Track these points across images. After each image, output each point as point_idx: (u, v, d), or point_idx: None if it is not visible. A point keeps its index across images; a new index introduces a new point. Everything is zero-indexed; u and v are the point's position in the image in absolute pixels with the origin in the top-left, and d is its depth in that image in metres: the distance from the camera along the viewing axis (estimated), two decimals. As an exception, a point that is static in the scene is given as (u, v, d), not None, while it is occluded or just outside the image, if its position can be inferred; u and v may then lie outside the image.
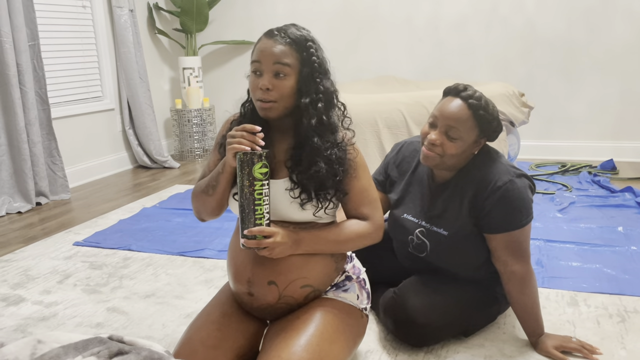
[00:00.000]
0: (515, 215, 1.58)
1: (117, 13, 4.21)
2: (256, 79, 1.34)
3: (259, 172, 1.28)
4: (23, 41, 3.35)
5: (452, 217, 1.66)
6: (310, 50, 1.34)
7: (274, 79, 1.32)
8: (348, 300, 1.47)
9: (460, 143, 1.59)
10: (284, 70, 1.31)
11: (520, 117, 3.48)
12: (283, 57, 1.31)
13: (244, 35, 5.01)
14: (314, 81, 1.35)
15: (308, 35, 1.37)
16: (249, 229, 1.28)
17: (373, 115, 3.28)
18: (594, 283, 2.14)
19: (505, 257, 1.61)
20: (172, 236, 2.83)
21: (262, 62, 1.32)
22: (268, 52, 1.32)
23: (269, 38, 1.34)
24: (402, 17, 4.56)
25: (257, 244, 1.29)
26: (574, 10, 4.16)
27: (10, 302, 2.14)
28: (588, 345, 1.65)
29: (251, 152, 1.27)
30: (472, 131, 1.59)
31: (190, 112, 4.72)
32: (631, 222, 2.82)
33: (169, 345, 1.78)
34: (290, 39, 1.33)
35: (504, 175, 1.59)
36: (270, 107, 1.33)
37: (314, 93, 1.35)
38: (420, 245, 1.73)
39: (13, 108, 3.32)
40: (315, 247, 1.38)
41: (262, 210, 1.29)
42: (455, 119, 1.57)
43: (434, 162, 1.62)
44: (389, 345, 1.73)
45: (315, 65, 1.35)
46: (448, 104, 1.60)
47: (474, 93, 1.59)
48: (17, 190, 3.43)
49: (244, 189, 1.28)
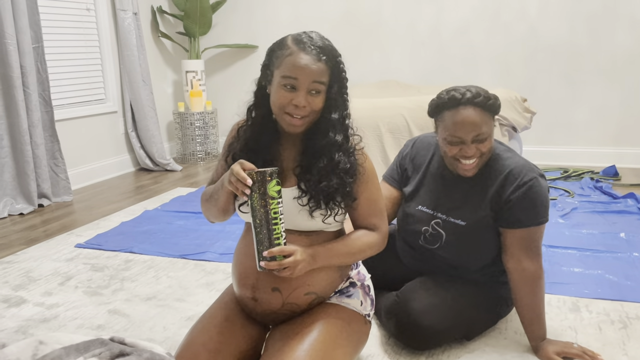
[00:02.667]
0: (536, 212, 1.61)
1: (121, 16, 4.22)
2: (288, 93, 1.30)
3: (273, 191, 1.25)
4: (27, 43, 3.36)
5: (472, 208, 1.68)
6: (340, 65, 1.35)
7: (308, 96, 1.31)
8: (351, 306, 1.47)
9: (489, 139, 1.62)
10: (319, 88, 1.31)
11: (523, 123, 3.48)
12: (321, 76, 1.31)
13: (247, 39, 5.03)
14: (341, 97, 1.36)
15: (335, 48, 1.36)
16: (269, 250, 1.25)
17: (375, 119, 3.28)
18: (596, 289, 2.14)
19: (519, 254, 1.62)
20: (173, 239, 2.83)
21: (300, 79, 1.29)
22: (307, 70, 1.29)
23: (304, 52, 1.30)
24: (405, 22, 4.57)
25: (279, 265, 1.26)
26: (576, 16, 4.17)
27: (12, 304, 2.14)
28: (590, 351, 1.65)
29: (263, 171, 1.23)
30: (491, 122, 1.63)
31: (192, 115, 4.73)
32: (633, 228, 2.81)
33: (169, 348, 1.78)
34: (325, 56, 1.31)
35: (530, 172, 1.62)
36: (301, 123, 1.33)
37: (342, 109, 1.36)
38: (434, 236, 1.74)
39: (16, 110, 3.33)
40: (330, 261, 1.39)
41: (279, 229, 1.26)
42: (477, 125, 1.59)
43: (477, 167, 1.66)
44: (390, 350, 1.73)
45: (344, 80, 1.36)
46: (465, 118, 1.59)
47: (473, 93, 1.60)
48: (20, 192, 3.43)
49: (259, 209, 1.24)
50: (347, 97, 1.38)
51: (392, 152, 3.22)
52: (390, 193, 1.89)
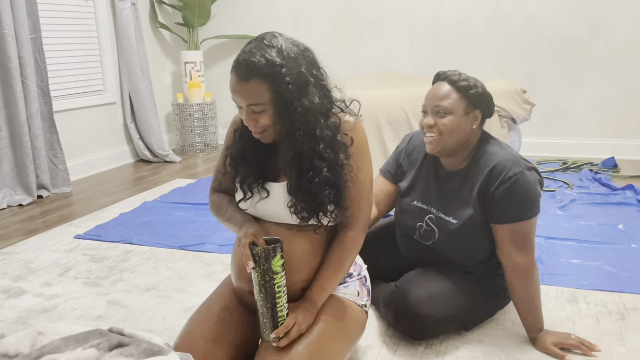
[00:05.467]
0: (524, 206, 1.59)
1: (120, 7, 4.20)
2: (240, 112, 1.31)
3: (277, 266, 1.27)
4: (25, 34, 3.35)
5: (462, 206, 1.68)
6: (279, 76, 1.23)
7: (254, 114, 1.28)
8: (348, 297, 1.47)
9: (451, 117, 1.63)
10: (257, 109, 1.26)
11: (522, 114, 3.47)
12: (256, 97, 1.25)
13: (247, 30, 5.01)
14: (289, 109, 1.26)
15: (277, 56, 1.24)
16: (276, 332, 1.28)
17: (375, 111, 3.27)
18: (594, 280, 2.15)
19: (510, 249, 1.62)
20: (173, 230, 2.83)
21: (237, 101, 1.29)
22: (240, 94, 1.26)
23: (235, 74, 1.26)
24: (404, 13, 4.55)
25: (288, 340, 1.29)
26: (577, 7, 4.15)
27: (12, 295, 2.15)
28: (587, 342, 1.65)
29: (267, 248, 1.25)
30: (459, 103, 1.63)
31: (192, 107, 4.72)
32: (632, 220, 2.81)
33: (168, 338, 1.78)
34: (255, 75, 1.23)
35: (516, 167, 1.61)
36: (262, 137, 1.32)
37: (290, 123, 1.27)
38: (428, 232, 1.75)
39: (15, 101, 3.32)
40: (327, 294, 1.40)
41: (282, 302, 1.29)
42: (440, 97, 1.64)
43: (438, 146, 1.66)
44: (389, 340, 1.73)
45: (290, 90, 1.24)
46: (432, 90, 1.68)
47: (452, 72, 1.66)
48: (19, 183, 3.43)
49: (264, 285, 1.27)
50: (300, 105, 1.26)
51: (391, 144, 3.21)
52: (386, 187, 1.89)
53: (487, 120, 1.71)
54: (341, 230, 1.42)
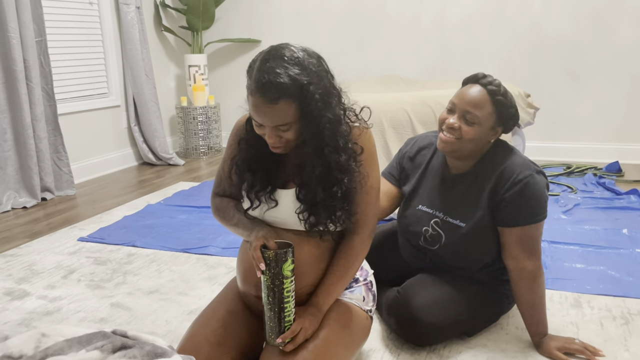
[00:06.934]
0: (532, 210, 1.59)
1: (124, 10, 4.22)
2: (259, 128, 1.28)
3: (288, 270, 1.27)
4: (30, 37, 3.36)
5: (470, 209, 1.67)
6: (308, 94, 1.21)
7: (278, 131, 1.26)
8: (354, 301, 1.47)
9: (477, 128, 1.60)
10: (284, 128, 1.25)
11: (526, 118, 3.47)
12: (283, 117, 1.22)
13: (250, 34, 5.02)
14: (315, 124, 1.25)
15: (301, 73, 1.21)
16: (283, 336, 1.28)
17: (378, 114, 3.27)
18: (598, 285, 2.14)
19: (517, 253, 1.61)
20: (176, 233, 2.83)
21: (263, 123, 1.25)
22: (266, 117, 1.22)
23: (260, 94, 1.20)
24: (409, 17, 4.56)
25: (294, 345, 1.29)
26: (581, 11, 4.14)
27: (15, 297, 2.15)
28: (591, 347, 1.65)
29: (278, 252, 1.25)
30: (490, 116, 1.60)
31: (195, 110, 4.73)
32: (636, 224, 2.81)
33: (171, 341, 1.78)
34: (283, 95, 1.19)
35: (525, 170, 1.60)
36: (280, 149, 1.31)
37: (318, 138, 1.27)
38: (434, 236, 1.73)
39: (19, 104, 3.33)
40: (333, 299, 1.40)
41: (290, 307, 1.29)
42: (474, 103, 1.59)
43: (452, 147, 1.63)
44: (391, 345, 1.73)
45: (318, 106, 1.23)
46: (467, 90, 1.62)
47: (493, 80, 1.61)
48: (23, 186, 3.44)
49: (273, 289, 1.26)
50: (325, 121, 1.26)
51: (395, 148, 3.21)
52: (388, 189, 1.88)
53: None
54: (348, 235, 1.42)
